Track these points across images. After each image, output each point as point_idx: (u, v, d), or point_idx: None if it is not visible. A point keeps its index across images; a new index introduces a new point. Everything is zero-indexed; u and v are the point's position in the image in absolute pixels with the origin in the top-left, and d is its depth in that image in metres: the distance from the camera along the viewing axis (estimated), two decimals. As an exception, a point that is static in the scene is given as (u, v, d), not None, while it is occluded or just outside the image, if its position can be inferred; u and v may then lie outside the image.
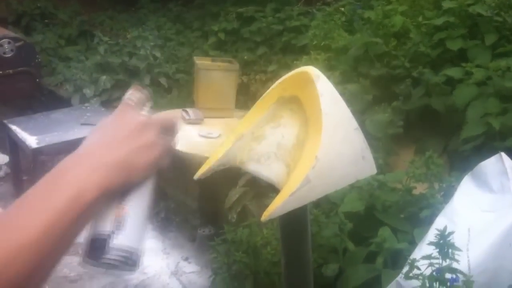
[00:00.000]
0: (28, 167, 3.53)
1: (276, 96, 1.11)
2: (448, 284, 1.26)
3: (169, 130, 0.81)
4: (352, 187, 2.20)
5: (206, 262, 2.97)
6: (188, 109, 3.57)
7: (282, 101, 1.10)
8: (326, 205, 2.31)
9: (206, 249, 2.99)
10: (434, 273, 1.33)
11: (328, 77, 2.97)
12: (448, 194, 2.03)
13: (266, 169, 1.09)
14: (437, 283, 1.31)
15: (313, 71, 1.06)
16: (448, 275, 1.31)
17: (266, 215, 0.97)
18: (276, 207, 0.98)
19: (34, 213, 0.59)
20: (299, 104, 1.07)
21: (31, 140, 3.42)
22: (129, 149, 0.68)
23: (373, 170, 1.09)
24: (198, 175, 1.11)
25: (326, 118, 1.03)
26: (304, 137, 1.05)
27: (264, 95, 1.14)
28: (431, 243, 1.54)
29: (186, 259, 3.23)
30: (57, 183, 0.63)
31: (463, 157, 2.30)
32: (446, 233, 1.50)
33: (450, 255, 1.49)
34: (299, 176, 1.00)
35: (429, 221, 1.89)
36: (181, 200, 3.51)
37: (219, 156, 1.11)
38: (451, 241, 1.49)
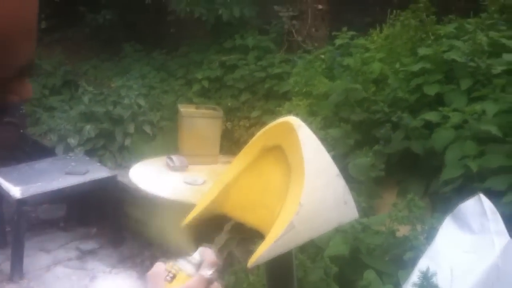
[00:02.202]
0: (12, 218, 3.50)
1: (260, 145, 1.15)
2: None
3: None
4: (336, 230, 2.22)
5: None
6: (172, 156, 3.60)
7: (265, 150, 1.14)
8: (311, 249, 2.32)
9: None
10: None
11: (310, 123, 3.03)
12: (431, 236, 2.06)
13: (252, 216, 1.12)
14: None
15: (295, 121, 1.11)
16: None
17: (252, 262, 0.99)
18: (262, 253, 1.00)
19: None
20: (282, 153, 1.11)
21: (15, 191, 3.41)
22: None
23: (355, 215, 1.13)
24: (184, 223, 1.14)
25: (308, 166, 1.07)
26: (287, 184, 1.09)
27: (248, 144, 1.18)
28: (414, 285, 1.57)
29: (172, 307, 3.19)
30: None
31: (445, 198, 2.34)
32: (429, 274, 1.53)
33: (434, 296, 1.51)
34: (283, 222, 1.03)
35: (413, 263, 1.92)
36: (166, 247, 3.49)
37: (205, 205, 1.14)
38: (434, 282, 1.52)
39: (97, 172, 3.80)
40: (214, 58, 4.50)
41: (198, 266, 0.81)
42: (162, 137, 4.29)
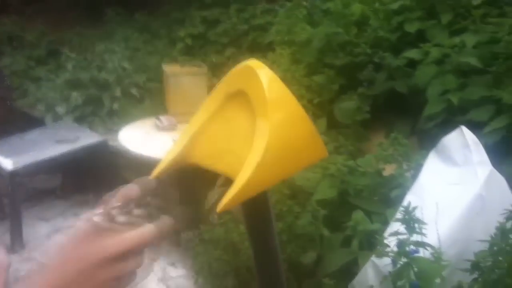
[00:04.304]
0: (7, 190, 3.52)
1: (223, 92, 1.13)
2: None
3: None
4: (323, 175, 2.23)
5: (192, 265, 2.98)
6: (161, 117, 3.59)
7: (229, 96, 1.12)
8: (302, 195, 2.34)
9: (192, 253, 3.00)
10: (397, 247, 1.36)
11: (294, 71, 2.97)
12: (417, 173, 2.07)
13: (220, 163, 1.12)
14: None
15: (255, 64, 1.08)
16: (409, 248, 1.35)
17: (220, 207, 0.99)
18: (230, 198, 0.99)
19: None
20: (246, 97, 1.10)
21: (7, 163, 3.41)
22: None
23: (325, 153, 1.12)
24: (153, 175, 1.13)
25: (272, 108, 1.05)
26: (253, 128, 1.07)
27: (211, 92, 1.16)
28: (397, 220, 1.58)
29: (172, 264, 3.25)
30: None
31: (431, 135, 2.34)
32: (410, 208, 1.54)
33: (417, 229, 1.53)
34: (249, 166, 1.02)
35: (401, 200, 1.93)
36: (162, 206, 3.51)
37: (172, 156, 1.13)
38: (416, 215, 1.53)
39: (87, 138, 3.79)
40: (195, 14, 4.43)
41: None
42: (150, 98, 4.25)
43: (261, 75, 1.08)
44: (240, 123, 1.12)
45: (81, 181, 4.23)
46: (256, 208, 1.22)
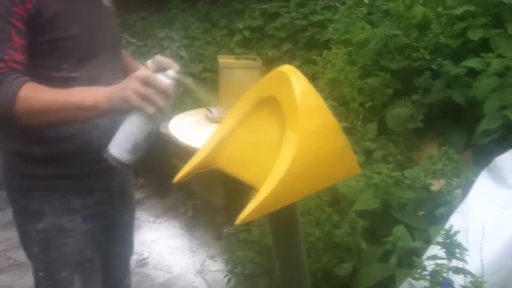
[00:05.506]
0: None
1: (255, 97, 1.09)
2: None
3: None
4: (368, 184, 2.15)
5: (226, 263, 2.97)
6: (211, 108, 3.58)
7: (260, 102, 1.08)
8: (344, 203, 2.27)
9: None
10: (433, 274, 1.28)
11: (348, 72, 2.87)
12: (467, 190, 1.96)
13: (245, 171, 1.08)
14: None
15: (289, 70, 1.04)
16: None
17: (240, 219, 0.95)
18: (251, 210, 0.96)
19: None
20: (277, 104, 1.05)
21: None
22: (114, 90, 1.20)
23: (356, 170, 1.06)
24: (177, 178, 1.11)
25: (303, 118, 1.01)
26: (281, 137, 1.03)
27: (243, 96, 1.12)
28: (436, 243, 1.49)
29: (212, 257, 3.25)
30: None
31: (486, 151, 2.21)
32: (452, 232, 1.45)
33: (457, 255, 1.44)
34: (274, 179, 0.98)
35: (446, 218, 1.84)
36: (207, 199, 3.52)
37: (198, 160, 1.10)
38: (457, 240, 1.44)
39: (139, 124, 3.83)
40: (255, 6, 4.39)
41: None
42: (204, 88, 4.25)
43: (294, 82, 1.03)
44: (269, 131, 1.07)
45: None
46: (283, 221, 1.17)
